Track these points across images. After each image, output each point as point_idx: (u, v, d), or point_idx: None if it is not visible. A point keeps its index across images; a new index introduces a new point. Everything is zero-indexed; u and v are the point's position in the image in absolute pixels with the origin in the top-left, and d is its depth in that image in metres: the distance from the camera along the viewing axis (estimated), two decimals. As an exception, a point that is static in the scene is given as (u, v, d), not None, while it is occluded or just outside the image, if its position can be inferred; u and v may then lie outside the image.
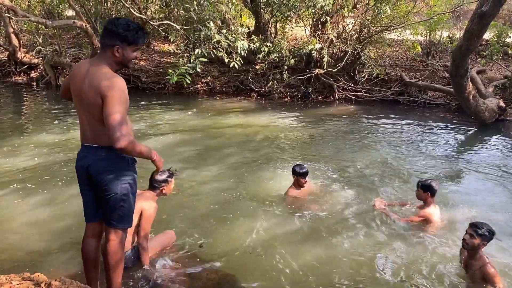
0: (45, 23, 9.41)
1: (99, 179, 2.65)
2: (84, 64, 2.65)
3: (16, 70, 13.50)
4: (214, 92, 11.94)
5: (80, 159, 2.73)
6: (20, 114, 9.51)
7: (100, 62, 2.58)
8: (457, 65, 7.71)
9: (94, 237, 2.86)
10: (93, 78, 2.50)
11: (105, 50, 2.60)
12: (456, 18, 13.06)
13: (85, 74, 2.56)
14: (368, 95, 11.19)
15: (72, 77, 2.67)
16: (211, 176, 5.76)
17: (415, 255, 3.89)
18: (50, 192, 5.10)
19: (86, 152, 2.69)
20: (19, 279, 2.49)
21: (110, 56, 2.59)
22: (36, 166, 5.96)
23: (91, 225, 2.86)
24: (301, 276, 3.58)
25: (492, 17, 6.93)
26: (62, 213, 4.52)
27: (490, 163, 6.53)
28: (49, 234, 4.14)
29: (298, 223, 4.45)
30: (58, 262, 3.65)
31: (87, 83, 2.53)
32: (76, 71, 2.66)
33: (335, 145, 7.44)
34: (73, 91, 2.65)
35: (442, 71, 11.46)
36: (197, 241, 4.02)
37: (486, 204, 5.04)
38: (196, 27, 8.07)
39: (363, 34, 11.50)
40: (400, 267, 3.71)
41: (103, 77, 2.49)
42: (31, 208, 4.70)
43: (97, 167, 2.64)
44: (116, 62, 2.61)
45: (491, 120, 8.69)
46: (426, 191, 4.31)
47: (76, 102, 2.65)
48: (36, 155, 6.40)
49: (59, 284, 2.39)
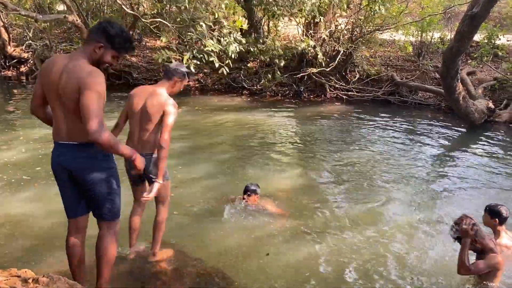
0: (36, 17, 9.33)
1: (81, 178, 2.64)
2: (61, 59, 2.59)
3: (5, 64, 13.34)
4: (206, 90, 11.91)
5: (55, 157, 2.68)
6: (9, 109, 9.40)
7: (79, 56, 2.55)
8: (447, 66, 7.77)
9: (77, 232, 2.85)
10: (72, 71, 2.47)
11: (88, 44, 2.57)
12: (448, 19, 13.16)
13: (63, 68, 2.51)
14: (359, 95, 11.24)
15: (45, 72, 2.58)
16: (201, 173, 5.76)
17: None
18: (39, 188, 5.06)
19: (62, 150, 2.64)
20: (6, 274, 2.47)
21: (90, 52, 2.56)
22: (25, 161, 5.90)
23: (73, 221, 2.84)
24: (294, 275, 3.60)
25: (483, 19, 7.00)
26: (50, 209, 4.47)
27: (477, 164, 6.60)
28: (37, 230, 4.11)
29: (287, 223, 4.47)
30: (46, 258, 3.63)
31: (65, 77, 2.48)
32: (50, 66, 2.58)
33: (326, 143, 7.48)
34: (48, 86, 2.57)
35: (433, 72, 11.55)
36: (184, 238, 4.02)
37: (473, 204, 5.09)
38: (188, 26, 8.03)
39: (355, 33, 11.55)
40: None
41: (83, 69, 2.46)
42: (19, 204, 4.66)
43: (77, 166, 2.61)
44: (93, 59, 2.57)
45: (480, 121, 8.78)
46: (494, 217, 3.67)
47: (51, 98, 2.58)
48: (26, 150, 6.34)
49: (47, 280, 2.37)
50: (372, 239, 4.17)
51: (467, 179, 5.95)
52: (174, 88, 3.42)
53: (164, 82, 3.39)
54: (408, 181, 5.75)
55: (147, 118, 3.27)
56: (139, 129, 3.32)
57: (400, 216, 4.71)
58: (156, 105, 3.25)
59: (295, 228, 4.34)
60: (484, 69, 11.77)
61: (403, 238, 4.21)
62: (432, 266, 3.73)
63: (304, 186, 5.49)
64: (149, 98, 3.28)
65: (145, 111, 3.28)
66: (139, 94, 3.35)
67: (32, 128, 7.49)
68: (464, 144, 8.04)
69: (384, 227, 4.45)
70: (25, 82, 12.43)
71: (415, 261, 3.80)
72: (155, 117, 3.25)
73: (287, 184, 5.52)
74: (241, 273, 3.57)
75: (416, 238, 4.24)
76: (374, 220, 4.59)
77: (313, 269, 3.67)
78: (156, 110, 3.24)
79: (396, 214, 4.78)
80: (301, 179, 5.72)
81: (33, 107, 2.74)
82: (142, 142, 3.32)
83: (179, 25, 8.61)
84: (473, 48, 11.87)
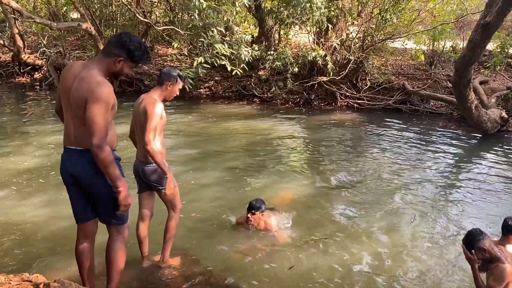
0: (50, 25, 9.47)
1: (88, 183, 2.67)
2: (77, 66, 2.65)
3: (19, 71, 13.54)
4: (216, 97, 11.95)
5: (64, 162, 2.72)
6: (22, 115, 9.53)
7: (94, 65, 2.59)
8: (460, 75, 7.71)
9: (86, 238, 2.87)
10: (83, 79, 2.51)
11: (106, 56, 2.61)
12: (460, 28, 13.08)
13: (76, 75, 2.56)
14: (370, 103, 11.19)
15: (62, 77, 2.67)
16: (211, 179, 5.76)
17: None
18: (50, 193, 5.10)
19: (70, 155, 2.68)
20: (18, 279, 2.49)
21: (109, 64, 2.60)
22: (38, 166, 5.97)
23: (82, 226, 2.86)
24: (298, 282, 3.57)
25: (496, 28, 6.95)
26: (61, 214, 4.50)
27: (491, 174, 6.51)
28: (49, 235, 4.14)
29: (297, 230, 4.44)
30: (58, 263, 3.65)
31: (76, 84, 2.53)
32: (66, 72, 2.66)
33: (336, 151, 7.44)
34: (62, 91, 2.64)
35: (444, 81, 11.46)
36: (193, 246, 4.02)
37: (486, 215, 5.02)
38: (199, 33, 8.11)
39: (366, 42, 11.53)
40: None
41: (93, 80, 2.50)
42: (31, 209, 4.70)
43: (84, 171, 2.64)
44: (112, 72, 2.63)
45: (493, 130, 8.68)
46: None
47: (64, 102, 2.64)
48: (38, 156, 6.41)
49: (58, 285, 2.38)
50: (385, 249, 4.13)
51: (480, 189, 5.87)
52: (166, 93, 3.43)
53: (157, 88, 3.42)
54: (421, 190, 5.69)
55: (140, 125, 3.33)
56: (139, 137, 3.38)
57: (413, 227, 4.66)
58: (142, 111, 3.28)
59: (305, 237, 4.31)
60: (497, 79, 11.65)
61: (418, 248, 4.16)
62: (447, 276, 3.68)
63: (314, 194, 5.46)
64: (140, 106, 3.33)
65: (137, 118, 3.34)
66: (139, 102, 3.40)
67: (44, 134, 7.59)
68: (477, 153, 7.94)
69: (397, 236, 4.40)
70: (39, 88, 12.59)
71: (434, 272, 3.75)
72: (144, 123, 3.25)
73: (296, 192, 5.49)
74: (249, 281, 3.55)
75: (430, 249, 4.18)
76: (387, 230, 4.54)
77: (326, 278, 3.64)
78: (142, 116, 3.26)
79: (410, 223, 4.72)
80: (311, 187, 5.69)
81: (57, 107, 2.84)
82: (142, 150, 3.36)
83: (190, 32, 8.69)
84: (486, 57, 11.76)
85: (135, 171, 3.47)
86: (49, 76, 12.79)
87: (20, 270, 2.90)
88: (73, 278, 2.98)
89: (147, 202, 3.58)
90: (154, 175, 3.36)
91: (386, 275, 3.71)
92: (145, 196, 3.56)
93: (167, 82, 3.40)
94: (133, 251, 3.56)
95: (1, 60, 14.32)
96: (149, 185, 3.48)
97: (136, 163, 3.46)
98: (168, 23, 10.60)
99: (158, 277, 3.49)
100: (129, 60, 2.62)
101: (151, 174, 3.36)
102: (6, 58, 14.27)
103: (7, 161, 6.19)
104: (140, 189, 3.55)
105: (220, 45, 7.50)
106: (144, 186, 3.52)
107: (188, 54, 10.08)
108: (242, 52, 7.51)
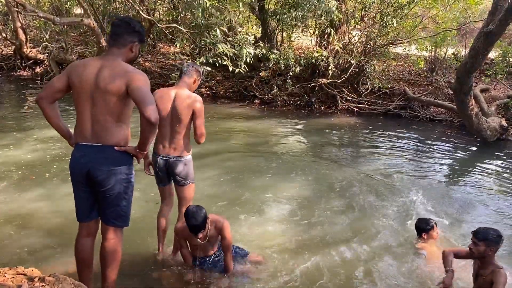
0: (53, 19, 9.44)
1: (101, 179, 2.63)
2: (94, 61, 2.63)
3: (21, 64, 13.55)
4: (217, 97, 11.95)
5: (77, 159, 2.67)
6: (23, 108, 9.53)
7: (115, 57, 2.62)
8: (461, 82, 7.72)
9: (88, 236, 2.86)
10: (116, 66, 2.55)
11: (119, 47, 2.63)
12: (462, 35, 13.10)
13: (99, 68, 2.55)
14: (370, 108, 11.19)
15: (77, 73, 2.60)
16: (209, 179, 5.76)
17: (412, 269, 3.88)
18: (48, 188, 5.11)
19: (86, 152, 2.64)
20: (13, 272, 2.48)
21: (125, 53, 2.65)
22: (36, 160, 5.96)
23: (85, 225, 2.84)
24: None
25: (498, 36, 6.95)
26: (59, 209, 4.51)
27: (489, 182, 6.51)
28: (45, 230, 4.14)
29: (296, 231, 4.44)
30: (53, 258, 3.65)
31: (107, 74, 2.52)
32: (82, 68, 2.60)
33: (336, 155, 7.44)
34: (80, 86, 2.58)
35: (445, 88, 11.47)
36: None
37: (484, 222, 5.02)
38: (202, 31, 8.10)
39: (368, 46, 11.54)
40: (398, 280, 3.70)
41: (127, 66, 2.58)
42: (29, 202, 4.70)
43: (101, 168, 2.61)
44: (129, 58, 2.69)
45: (493, 138, 8.69)
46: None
47: (82, 99, 2.60)
48: (38, 149, 6.41)
49: (53, 279, 2.37)
50: (384, 251, 4.13)
51: (478, 196, 5.87)
52: (193, 87, 3.44)
53: (184, 82, 3.38)
54: (418, 196, 5.67)
55: (178, 121, 3.30)
56: (171, 131, 3.33)
57: (412, 230, 4.65)
58: (186, 107, 3.28)
59: (304, 238, 4.31)
60: (498, 87, 11.66)
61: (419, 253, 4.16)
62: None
63: (313, 197, 5.46)
64: (177, 100, 3.30)
65: (176, 113, 3.30)
66: (163, 97, 3.33)
67: (45, 128, 7.57)
68: (475, 161, 7.94)
69: (395, 241, 4.40)
70: (40, 82, 12.59)
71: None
72: (186, 119, 3.29)
73: (295, 194, 5.49)
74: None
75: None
76: (386, 233, 4.53)
77: (326, 280, 3.64)
78: (187, 112, 3.28)
79: (409, 226, 4.72)
80: (310, 190, 5.69)
81: (43, 96, 2.67)
82: (174, 144, 3.34)
83: (193, 31, 8.69)
84: (487, 65, 11.77)
85: (159, 165, 3.42)
86: (50, 70, 12.78)
87: (16, 264, 2.89)
88: (68, 273, 2.98)
89: (169, 194, 3.63)
90: (184, 171, 3.40)
91: (387, 275, 3.71)
92: (167, 189, 3.60)
93: (196, 77, 3.43)
94: (133, 247, 3.55)
95: (3, 53, 14.32)
96: (173, 179, 3.49)
97: (162, 157, 3.41)
98: (171, 22, 10.58)
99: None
100: (139, 43, 2.71)
101: (182, 168, 3.40)
102: (8, 51, 14.26)
103: (5, 154, 6.19)
104: (164, 182, 3.56)
105: (222, 45, 7.50)
106: (166, 180, 3.53)
107: (190, 53, 10.07)
108: (245, 52, 7.50)
